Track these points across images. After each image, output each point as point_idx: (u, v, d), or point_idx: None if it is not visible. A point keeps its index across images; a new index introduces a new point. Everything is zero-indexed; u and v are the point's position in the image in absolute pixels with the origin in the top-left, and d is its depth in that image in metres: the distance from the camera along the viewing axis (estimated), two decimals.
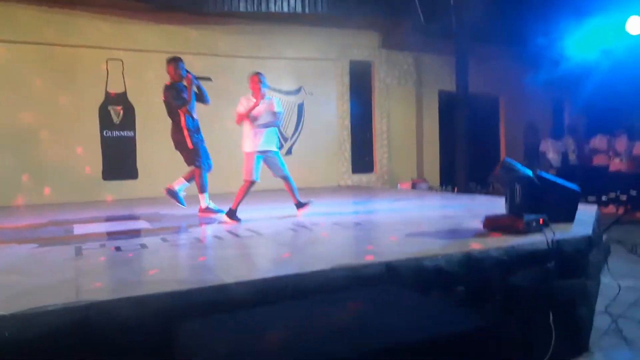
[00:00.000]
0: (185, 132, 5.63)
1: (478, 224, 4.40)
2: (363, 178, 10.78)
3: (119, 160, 8.86)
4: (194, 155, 5.69)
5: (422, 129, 11.30)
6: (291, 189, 5.87)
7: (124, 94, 8.89)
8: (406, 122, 11.14)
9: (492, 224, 4.39)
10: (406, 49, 11.01)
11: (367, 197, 8.16)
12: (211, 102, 5.97)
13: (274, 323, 2.40)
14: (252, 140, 5.60)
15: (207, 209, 5.72)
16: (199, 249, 4.12)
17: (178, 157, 7.17)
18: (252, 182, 5.60)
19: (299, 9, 9.40)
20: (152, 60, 8.93)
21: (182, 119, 5.62)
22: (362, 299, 2.79)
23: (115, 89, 8.83)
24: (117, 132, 8.86)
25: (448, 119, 10.93)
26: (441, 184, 11.19)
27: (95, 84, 8.67)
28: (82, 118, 8.55)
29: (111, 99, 8.80)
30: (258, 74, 5.68)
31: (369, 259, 3.26)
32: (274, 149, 5.76)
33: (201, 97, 5.83)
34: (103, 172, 8.74)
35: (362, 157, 10.86)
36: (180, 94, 5.61)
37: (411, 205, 6.78)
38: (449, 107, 10.93)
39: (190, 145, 5.66)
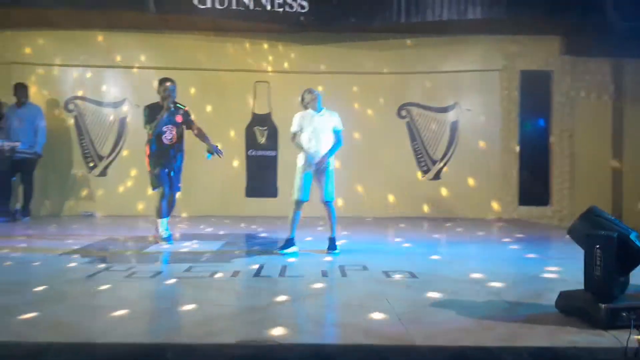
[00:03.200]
0: (146, 154, 5.75)
1: None
2: (534, 211, 8.96)
3: (262, 179, 9.06)
4: (151, 178, 5.73)
5: (621, 153, 8.91)
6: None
7: (269, 114, 9.07)
8: (598, 144, 8.91)
9: (566, 304, 3.00)
10: (599, 54, 8.86)
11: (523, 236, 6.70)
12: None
13: None
14: None
15: (159, 236, 5.68)
16: None
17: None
18: None
19: (453, 16, 8.32)
20: (296, 81, 8.96)
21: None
22: None
23: (261, 110, 9.07)
24: (261, 151, 9.08)
25: None
26: None
27: (243, 105, 9.04)
28: (231, 137, 8.98)
29: (257, 120, 9.07)
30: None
31: None
32: None
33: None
34: (246, 189, 9.04)
35: (533, 187, 9.07)
36: (147, 116, 5.65)
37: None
38: None
39: (148, 168, 5.76)
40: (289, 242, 5.16)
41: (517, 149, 8.98)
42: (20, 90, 7.93)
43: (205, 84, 8.93)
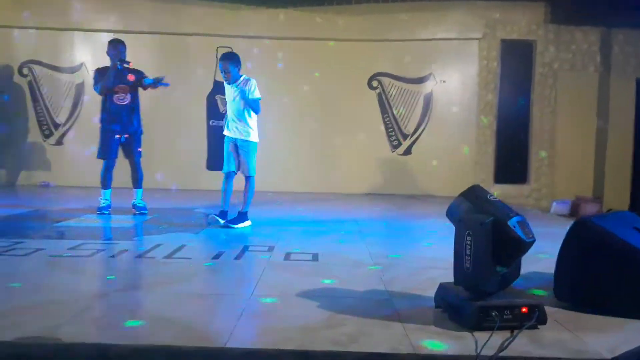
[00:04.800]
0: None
1: None
2: (510, 190, 8.41)
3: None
4: (99, 146, 5.56)
5: (605, 129, 8.28)
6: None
7: None
8: (581, 120, 8.29)
9: (441, 299, 2.58)
10: (587, 23, 8.18)
11: None
12: None
13: None
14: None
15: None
16: None
17: (283, 149, 7.75)
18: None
19: None
20: (259, 47, 8.48)
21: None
22: None
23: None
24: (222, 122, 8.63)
25: None
26: (632, 207, 8.03)
27: (204, 72, 8.58)
28: (190, 107, 8.55)
29: (219, 88, 8.60)
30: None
31: None
32: None
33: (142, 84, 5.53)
34: (207, 162, 8.65)
35: (510, 164, 8.52)
36: (96, 79, 5.43)
37: None
38: None
39: None
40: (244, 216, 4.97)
41: (495, 123, 8.41)
42: None
43: (166, 49, 8.49)
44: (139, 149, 5.60)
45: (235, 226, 4.89)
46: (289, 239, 4.44)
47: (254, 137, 4.94)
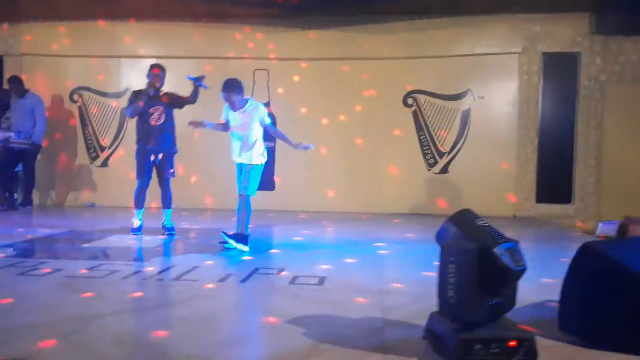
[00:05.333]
0: None
1: None
2: (554, 210, 8.03)
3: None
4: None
5: None
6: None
7: (268, 104, 8.70)
8: (630, 136, 7.80)
9: (428, 329, 2.47)
10: (636, 32, 7.74)
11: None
12: None
13: None
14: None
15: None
16: None
17: (314, 171, 7.92)
18: None
19: None
20: (295, 68, 8.57)
21: None
22: None
23: (260, 99, 8.71)
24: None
25: None
26: None
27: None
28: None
29: None
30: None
31: None
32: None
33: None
34: None
35: (554, 182, 8.12)
36: (129, 103, 5.59)
37: None
38: None
39: None
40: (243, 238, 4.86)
41: (537, 140, 8.06)
42: (14, 82, 8.04)
43: (207, 72, 8.70)
44: (171, 170, 5.74)
45: (233, 243, 4.78)
46: (304, 261, 4.39)
47: (262, 160, 4.97)
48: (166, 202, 5.75)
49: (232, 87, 4.80)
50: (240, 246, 4.76)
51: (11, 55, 8.86)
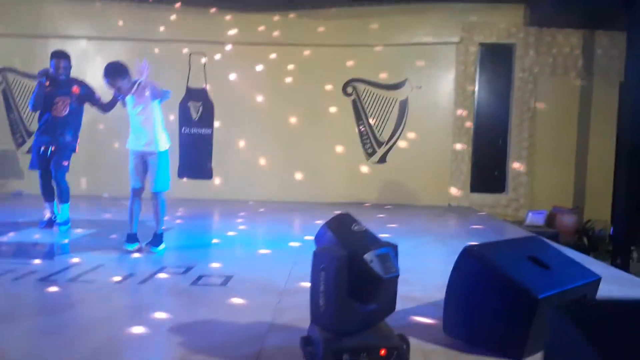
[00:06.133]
0: None
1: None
2: (487, 199, 8.16)
3: (195, 159, 8.51)
4: None
5: (587, 137, 7.95)
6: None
7: (204, 89, 8.46)
8: (562, 126, 7.98)
9: (302, 339, 2.38)
10: (569, 25, 7.86)
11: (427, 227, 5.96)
12: None
13: None
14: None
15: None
16: None
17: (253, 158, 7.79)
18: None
19: None
20: (235, 54, 8.34)
21: None
22: None
23: (195, 84, 8.47)
24: (195, 129, 8.52)
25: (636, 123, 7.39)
26: (614, 221, 7.59)
27: (178, 78, 8.46)
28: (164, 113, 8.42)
29: (192, 95, 8.49)
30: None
31: None
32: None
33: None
34: (178, 170, 8.52)
35: (487, 172, 8.24)
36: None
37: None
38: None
39: None
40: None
41: (472, 130, 8.14)
42: None
43: (138, 55, 8.36)
44: (64, 162, 5.29)
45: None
46: (216, 258, 4.27)
47: (164, 145, 4.41)
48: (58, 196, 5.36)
49: (115, 72, 4.23)
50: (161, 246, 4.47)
51: None
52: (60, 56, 5.29)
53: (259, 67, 8.28)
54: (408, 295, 3.24)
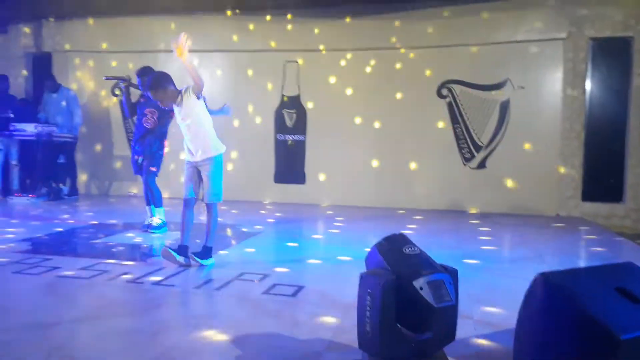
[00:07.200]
0: None
1: None
2: (601, 209, 7.42)
3: (290, 165, 8.69)
4: None
5: None
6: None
7: (298, 96, 8.60)
8: None
9: None
10: None
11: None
12: None
13: None
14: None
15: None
16: None
17: (344, 163, 8.14)
18: None
19: None
20: (325, 60, 8.39)
21: None
22: None
23: (290, 92, 8.63)
24: (289, 135, 8.68)
25: None
26: None
27: (274, 86, 8.68)
28: (261, 120, 8.71)
29: (285, 103, 8.66)
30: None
31: None
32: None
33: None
34: (275, 175, 8.74)
35: (601, 179, 7.48)
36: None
37: None
38: None
39: None
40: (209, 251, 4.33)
41: (583, 134, 7.45)
42: (47, 79, 8.57)
43: (234, 65, 8.74)
44: (152, 168, 5.70)
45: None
46: (294, 265, 4.30)
47: (218, 149, 4.19)
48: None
49: (157, 83, 4.08)
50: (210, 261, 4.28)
51: (58, 51, 9.32)
52: (144, 74, 5.61)
53: (350, 72, 8.27)
54: (486, 320, 3.02)
